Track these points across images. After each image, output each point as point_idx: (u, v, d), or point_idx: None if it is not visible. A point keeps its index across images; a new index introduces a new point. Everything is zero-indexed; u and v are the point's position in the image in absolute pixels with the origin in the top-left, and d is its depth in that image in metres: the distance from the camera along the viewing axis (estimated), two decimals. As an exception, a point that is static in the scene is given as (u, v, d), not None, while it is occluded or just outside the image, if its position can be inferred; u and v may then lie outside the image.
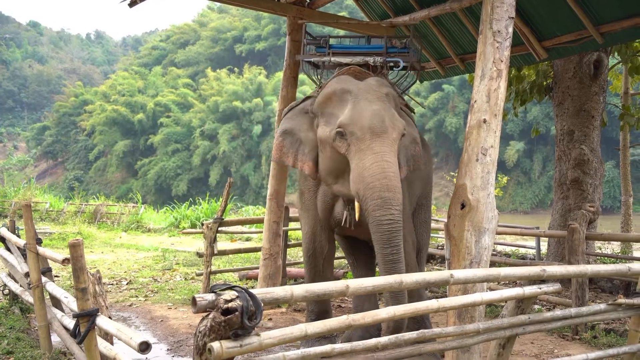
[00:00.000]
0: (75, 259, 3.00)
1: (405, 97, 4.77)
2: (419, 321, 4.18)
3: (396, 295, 3.43)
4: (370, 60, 4.65)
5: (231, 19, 57.85)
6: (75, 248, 3.00)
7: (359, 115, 3.69)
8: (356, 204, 3.73)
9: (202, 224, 6.58)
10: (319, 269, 4.51)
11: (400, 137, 3.74)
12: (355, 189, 3.62)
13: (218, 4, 37.08)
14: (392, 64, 4.70)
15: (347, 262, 8.39)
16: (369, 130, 3.62)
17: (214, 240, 6.39)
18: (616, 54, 7.82)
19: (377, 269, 4.40)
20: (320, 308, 4.50)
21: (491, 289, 3.47)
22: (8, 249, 5.54)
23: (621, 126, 8.94)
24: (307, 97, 4.30)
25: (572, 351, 4.68)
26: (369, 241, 3.81)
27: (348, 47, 5.09)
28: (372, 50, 4.84)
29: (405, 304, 2.66)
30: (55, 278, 6.29)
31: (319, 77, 5.13)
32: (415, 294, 4.04)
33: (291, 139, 4.13)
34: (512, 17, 3.57)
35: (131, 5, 5.81)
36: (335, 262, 8.72)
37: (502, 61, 3.51)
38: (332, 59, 4.87)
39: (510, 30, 3.57)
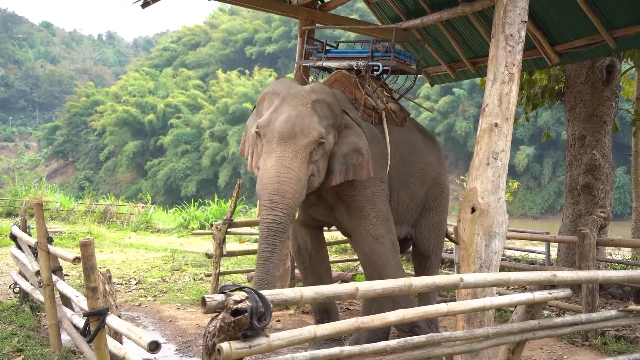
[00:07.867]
0: (86, 258, 3.02)
1: (413, 102, 4.73)
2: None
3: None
4: (354, 64, 4.75)
5: (242, 21, 58.00)
6: (86, 247, 3.02)
7: (274, 119, 3.84)
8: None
9: (211, 225, 6.60)
10: (306, 264, 4.70)
11: (316, 144, 3.80)
12: (257, 188, 3.79)
13: (229, 5, 37.30)
14: (375, 68, 4.78)
15: (354, 265, 8.38)
16: (278, 134, 3.76)
17: (223, 241, 6.41)
18: (629, 59, 7.76)
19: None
20: (320, 307, 4.65)
21: (500, 294, 3.45)
22: (19, 248, 5.58)
23: (633, 132, 8.87)
24: None
25: (581, 357, 4.65)
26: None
27: (341, 52, 5.23)
28: (360, 54, 4.97)
29: (415, 307, 2.66)
30: (66, 277, 6.31)
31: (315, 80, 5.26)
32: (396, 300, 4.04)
33: (245, 134, 4.44)
34: (525, 21, 3.56)
35: (144, 6, 5.84)
36: (343, 264, 8.75)
37: (514, 65, 3.50)
38: (324, 64, 5.04)
39: (523, 34, 3.55)
